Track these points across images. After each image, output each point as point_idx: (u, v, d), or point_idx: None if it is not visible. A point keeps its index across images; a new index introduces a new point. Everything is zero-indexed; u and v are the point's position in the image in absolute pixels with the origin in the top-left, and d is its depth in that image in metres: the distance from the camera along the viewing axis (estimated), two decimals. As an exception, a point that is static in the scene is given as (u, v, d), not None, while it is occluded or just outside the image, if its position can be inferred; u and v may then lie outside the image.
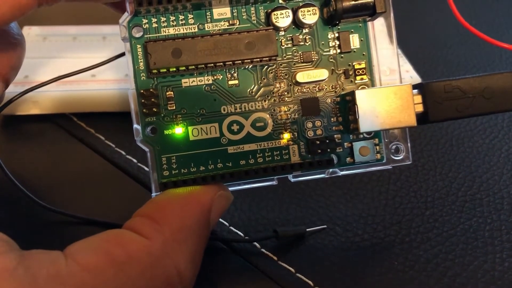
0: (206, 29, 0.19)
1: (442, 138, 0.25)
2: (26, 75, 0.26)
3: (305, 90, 0.20)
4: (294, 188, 0.23)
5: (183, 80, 0.19)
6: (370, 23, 0.20)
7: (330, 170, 0.20)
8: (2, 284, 0.13)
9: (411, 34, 0.21)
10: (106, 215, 0.21)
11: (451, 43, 0.20)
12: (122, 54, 0.20)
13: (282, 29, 0.19)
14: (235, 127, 0.19)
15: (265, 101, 0.19)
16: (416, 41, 0.25)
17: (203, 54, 0.18)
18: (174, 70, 0.18)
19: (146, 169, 0.23)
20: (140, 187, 0.23)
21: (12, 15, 0.16)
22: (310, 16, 0.19)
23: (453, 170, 0.24)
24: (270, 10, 0.19)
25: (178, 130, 0.19)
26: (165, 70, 0.18)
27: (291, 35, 0.19)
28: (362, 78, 0.20)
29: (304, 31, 0.19)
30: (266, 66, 0.19)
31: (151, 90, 0.18)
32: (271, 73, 0.19)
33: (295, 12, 0.19)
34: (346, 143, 0.20)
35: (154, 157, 0.19)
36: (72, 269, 0.14)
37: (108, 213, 0.21)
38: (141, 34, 0.18)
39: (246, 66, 0.19)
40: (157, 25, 0.18)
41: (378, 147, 0.20)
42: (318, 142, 0.19)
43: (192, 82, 0.19)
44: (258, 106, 0.19)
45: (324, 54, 0.20)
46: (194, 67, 0.18)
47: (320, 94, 0.20)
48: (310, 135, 0.19)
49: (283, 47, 0.19)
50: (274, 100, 0.19)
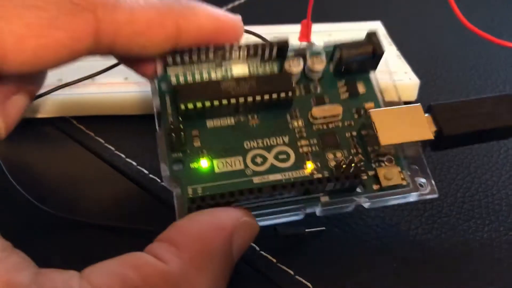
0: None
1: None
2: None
3: (322, 125, 0.21)
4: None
5: (208, 121, 0.20)
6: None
7: (357, 199, 0.19)
8: None
9: (410, 35, 0.23)
10: (106, 218, 0.20)
11: (450, 44, 0.22)
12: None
13: (295, 76, 0.21)
14: (259, 160, 0.20)
15: (285, 136, 0.20)
16: (415, 42, 0.26)
17: (227, 91, 0.20)
18: (200, 108, 0.20)
19: (145, 171, 0.23)
20: (139, 190, 0.23)
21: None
22: (319, 64, 0.22)
23: (451, 172, 0.24)
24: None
25: (204, 163, 0.19)
26: (192, 107, 0.20)
27: (303, 83, 0.22)
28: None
29: (315, 80, 0.22)
30: (284, 108, 0.21)
31: (178, 130, 0.20)
32: (289, 113, 0.21)
33: (305, 61, 0.22)
34: (370, 172, 0.20)
35: (181, 190, 0.19)
36: None
37: (108, 215, 0.21)
38: (169, 85, 0.21)
39: (266, 107, 0.21)
40: (183, 77, 0.21)
41: (402, 174, 0.20)
42: (343, 166, 0.19)
43: (215, 123, 0.20)
44: (279, 142, 0.20)
45: (335, 97, 0.21)
46: (218, 103, 0.20)
47: (337, 128, 0.21)
48: (332, 165, 0.20)
49: (297, 94, 0.21)
50: (294, 135, 0.20)
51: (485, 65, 0.28)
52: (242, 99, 0.20)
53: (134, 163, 0.24)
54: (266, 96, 0.20)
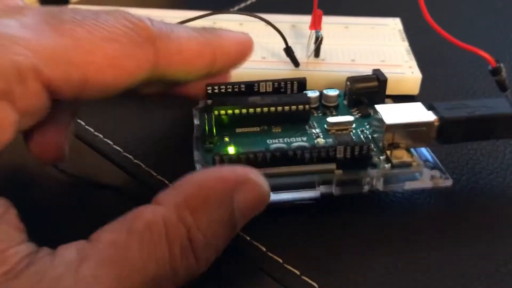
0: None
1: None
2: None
3: (337, 131, 0.23)
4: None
5: (237, 129, 0.24)
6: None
7: (369, 175, 0.21)
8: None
9: (423, 32, 0.23)
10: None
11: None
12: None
13: (312, 100, 0.25)
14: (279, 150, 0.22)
15: (304, 137, 0.23)
16: (425, 39, 0.26)
17: (253, 102, 0.24)
18: (231, 115, 0.23)
19: (153, 173, 0.24)
20: (147, 190, 0.23)
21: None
22: (332, 90, 0.25)
23: (456, 172, 0.23)
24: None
25: (231, 150, 0.22)
26: (224, 113, 0.23)
27: (321, 110, 0.25)
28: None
29: (330, 107, 0.25)
30: (303, 121, 0.24)
31: (211, 130, 0.23)
32: (307, 125, 0.24)
33: (321, 91, 0.26)
34: (381, 157, 0.22)
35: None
36: (97, 247, 0.14)
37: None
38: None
39: (286, 119, 0.24)
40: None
41: (412, 158, 0.21)
42: (355, 145, 0.21)
43: (243, 130, 0.24)
44: (298, 140, 0.23)
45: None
46: (246, 111, 0.24)
47: (351, 133, 0.23)
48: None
49: (315, 115, 0.25)
50: (312, 136, 0.23)
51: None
52: (266, 109, 0.24)
53: (143, 165, 0.24)
54: (287, 107, 0.24)
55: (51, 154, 0.19)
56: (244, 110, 0.24)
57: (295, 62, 0.28)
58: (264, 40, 0.30)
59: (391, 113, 0.22)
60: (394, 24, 0.31)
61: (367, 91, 0.25)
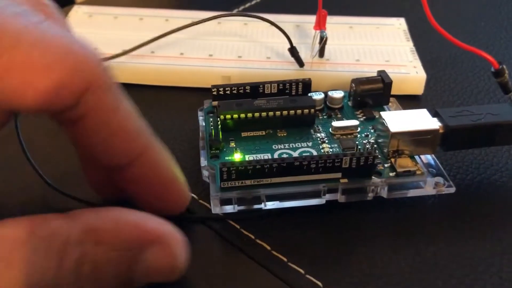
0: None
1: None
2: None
3: (342, 136, 0.24)
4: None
5: (242, 133, 0.24)
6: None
7: (374, 183, 0.21)
8: None
9: (427, 32, 0.23)
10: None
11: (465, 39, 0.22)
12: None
13: (317, 102, 0.25)
14: (285, 156, 0.22)
15: (309, 142, 0.23)
16: (430, 39, 0.26)
17: (258, 106, 0.24)
18: (236, 119, 0.24)
19: None
20: None
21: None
22: (337, 92, 0.26)
23: (460, 172, 0.23)
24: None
25: (237, 156, 0.22)
26: (229, 117, 0.24)
27: (326, 112, 0.25)
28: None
29: (335, 109, 0.25)
30: (308, 125, 0.24)
31: (217, 135, 0.23)
32: (312, 129, 0.24)
33: (326, 93, 0.26)
34: (386, 164, 0.22)
35: (215, 174, 0.21)
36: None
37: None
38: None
39: (291, 123, 0.24)
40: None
41: (417, 166, 0.22)
42: (360, 156, 0.21)
43: (249, 134, 0.24)
44: (304, 145, 0.23)
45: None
46: (251, 115, 0.24)
47: (355, 138, 0.23)
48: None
49: (320, 118, 0.25)
50: (317, 141, 0.23)
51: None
52: (271, 113, 0.24)
53: None
54: (292, 111, 0.24)
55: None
56: (249, 114, 0.24)
57: (300, 62, 0.28)
58: (268, 40, 0.30)
59: (396, 120, 0.22)
60: (399, 24, 0.31)
61: (372, 93, 0.25)
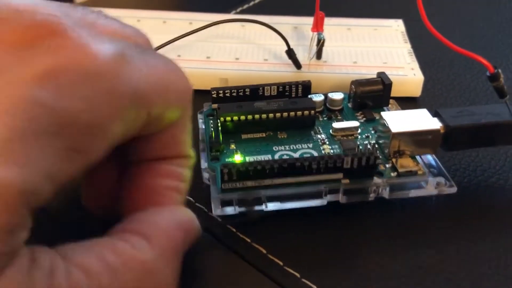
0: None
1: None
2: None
3: (342, 137, 0.23)
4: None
5: (243, 135, 0.24)
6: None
7: (375, 184, 0.21)
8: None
9: (425, 34, 0.23)
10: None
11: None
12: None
13: (317, 104, 0.25)
14: (286, 157, 0.22)
15: (310, 143, 0.23)
16: (428, 41, 0.25)
17: (258, 108, 0.24)
18: (237, 121, 0.23)
19: None
20: None
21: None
22: (337, 94, 0.25)
23: (458, 175, 0.23)
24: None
25: (237, 158, 0.22)
26: (229, 119, 0.23)
27: (326, 114, 0.25)
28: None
29: (335, 110, 0.25)
30: (308, 126, 0.24)
31: (217, 137, 0.23)
32: (313, 130, 0.24)
33: (326, 95, 0.26)
34: (387, 165, 0.22)
35: (215, 176, 0.21)
36: (69, 268, 0.14)
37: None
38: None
39: (292, 125, 0.24)
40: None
41: (418, 166, 0.22)
42: (361, 156, 0.21)
43: (249, 136, 0.24)
44: (304, 146, 0.23)
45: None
46: (251, 117, 0.23)
47: (355, 139, 0.23)
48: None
49: (320, 119, 0.25)
50: (318, 143, 0.23)
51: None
52: (271, 115, 0.24)
53: None
54: (292, 113, 0.24)
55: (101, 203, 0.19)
56: (250, 116, 0.24)
57: (297, 64, 0.28)
58: (266, 42, 0.30)
59: (397, 120, 0.22)
60: (396, 26, 0.31)
61: (372, 95, 0.25)
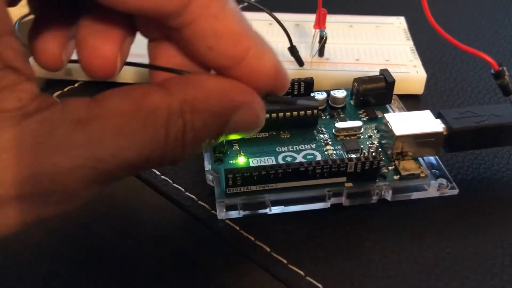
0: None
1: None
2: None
3: (345, 137, 0.24)
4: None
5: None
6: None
7: (379, 187, 0.21)
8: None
9: (428, 31, 0.23)
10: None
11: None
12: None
13: (320, 102, 0.25)
14: (289, 158, 0.22)
15: (313, 144, 0.23)
16: (431, 39, 0.26)
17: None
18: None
19: (157, 173, 0.24)
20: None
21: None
22: (340, 93, 0.25)
23: (461, 173, 0.24)
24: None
25: (241, 160, 0.22)
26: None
27: (328, 111, 0.25)
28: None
29: (338, 108, 0.25)
30: (311, 126, 0.24)
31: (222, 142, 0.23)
32: (316, 130, 0.24)
33: (329, 93, 0.26)
34: (390, 167, 0.22)
35: (219, 178, 0.21)
36: (105, 112, 0.14)
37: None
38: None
39: (295, 124, 0.24)
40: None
41: (420, 167, 0.22)
42: (365, 160, 0.21)
43: (252, 136, 0.24)
44: (307, 147, 0.23)
45: (356, 119, 0.25)
46: (254, 118, 0.23)
47: (358, 140, 0.23)
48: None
49: (323, 118, 0.25)
50: (321, 143, 0.23)
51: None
52: (274, 115, 0.24)
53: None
54: (295, 112, 0.24)
55: (101, 67, 0.17)
56: (252, 117, 0.23)
57: (300, 62, 0.28)
58: (268, 39, 0.28)
59: (400, 122, 0.22)
60: (398, 23, 0.31)
61: (375, 92, 0.25)
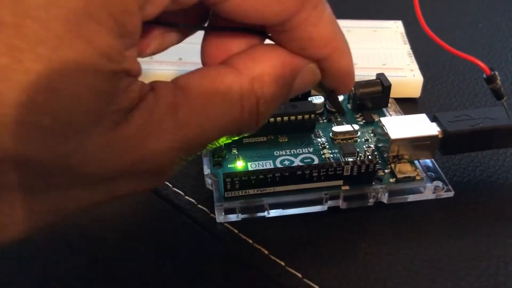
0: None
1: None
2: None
3: (342, 141, 0.24)
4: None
5: (244, 139, 0.24)
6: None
7: (375, 190, 0.21)
8: None
9: (420, 36, 0.23)
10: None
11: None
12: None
13: (317, 106, 0.25)
14: (287, 162, 0.23)
15: (310, 148, 0.24)
16: (428, 43, 0.24)
17: (260, 112, 0.24)
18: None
19: (180, 192, 0.24)
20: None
21: None
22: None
23: (457, 175, 0.24)
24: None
25: (239, 164, 0.23)
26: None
27: (325, 116, 0.26)
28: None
29: (335, 112, 0.26)
30: (309, 130, 0.24)
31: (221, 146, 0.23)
32: (313, 133, 0.24)
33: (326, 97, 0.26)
34: (386, 170, 0.22)
35: (218, 182, 0.22)
36: (189, 94, 0.15)
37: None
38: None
39: (293, 128, 0.24)
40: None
41: (416, 170, 0.22)
42: (361, 164, 0.22)
43: (250, 140, 0.24)
44: (305, 151, 0.23)
45: (353, 123, 0.25)
46: (252, 122, 0.24)
47: (355, 143, 0.24)
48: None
49: (320, 122, 0.25)
50: (318, 147, 0.24)
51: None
52: (272, 119, 0.24)
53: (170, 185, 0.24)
54: (293, 117, 0.24)
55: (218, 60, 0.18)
56: (250, 121, 0.24)
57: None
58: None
59: (396, 126, 0.22)
60: (396, 27, 0.31)
61: (372, 96, 0.26)
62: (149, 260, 0.21)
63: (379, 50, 0.29)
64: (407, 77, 0.28)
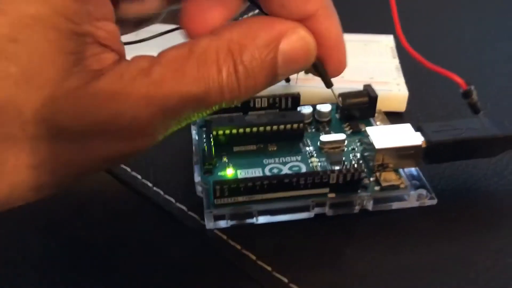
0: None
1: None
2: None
3: (329, 150, 0.25)
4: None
5: (234, 148, 0.25)
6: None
7: (360, 197, 0.22)
8: None
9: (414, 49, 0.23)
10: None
11: (446, 58, 0.23)
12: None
13: (306, 116, 0.26)
14: (275, 170, 0.23)
15: (298, 156, 0.24)
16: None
17: (250, 122, 0.25)
18: (228, 135, 0.24)
19: (149, 185, 0.25)
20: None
21: None
22: (326, 108, 0.27)
23: (441, 184, 0.24)
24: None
25: (229, 171, 0.23)
26: (222, 133, 0.24)
27: (314, 125, 0.26)
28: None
29: (323, 122, 0.26)
30: (297, 139, 0.25)
31: (210, 150, 0.24)
32: (302, 142, 0.25)
33: (315, 106, 0.27)
34: (371, 178, 0.23)
35: (208, 189, 0.22)
36: (163, 59, 0.16)
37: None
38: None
39: (281, 137, 0.25)
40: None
41: (400, 178, 0.23)
42: (347, 172, 0.22)
43: (240, 149, 0.25)
44: (293, 159, 0.24)
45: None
46: (242, 131, 0.24)
47: (342, 152, 0.24)
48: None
49: (309, 131, 0.26)
50: (306, 155, 0.24)
51: (477, 77, 0.29)
52: (262, 128, 0.25)
53: (150, 184, 0.25)
54: (282, 126, 0.25)
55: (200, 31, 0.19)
56: (241, 130, 0.25)
57: (286, 78, 0.29)
58: None
59: (381, 136, 0.23)
60: (387, 41, 0.32)
61: (359, 107, 0.27)
62: (139, 265, 0.21)
63: (368, 64, 0.30)
64: (393, 91, 0.29)
